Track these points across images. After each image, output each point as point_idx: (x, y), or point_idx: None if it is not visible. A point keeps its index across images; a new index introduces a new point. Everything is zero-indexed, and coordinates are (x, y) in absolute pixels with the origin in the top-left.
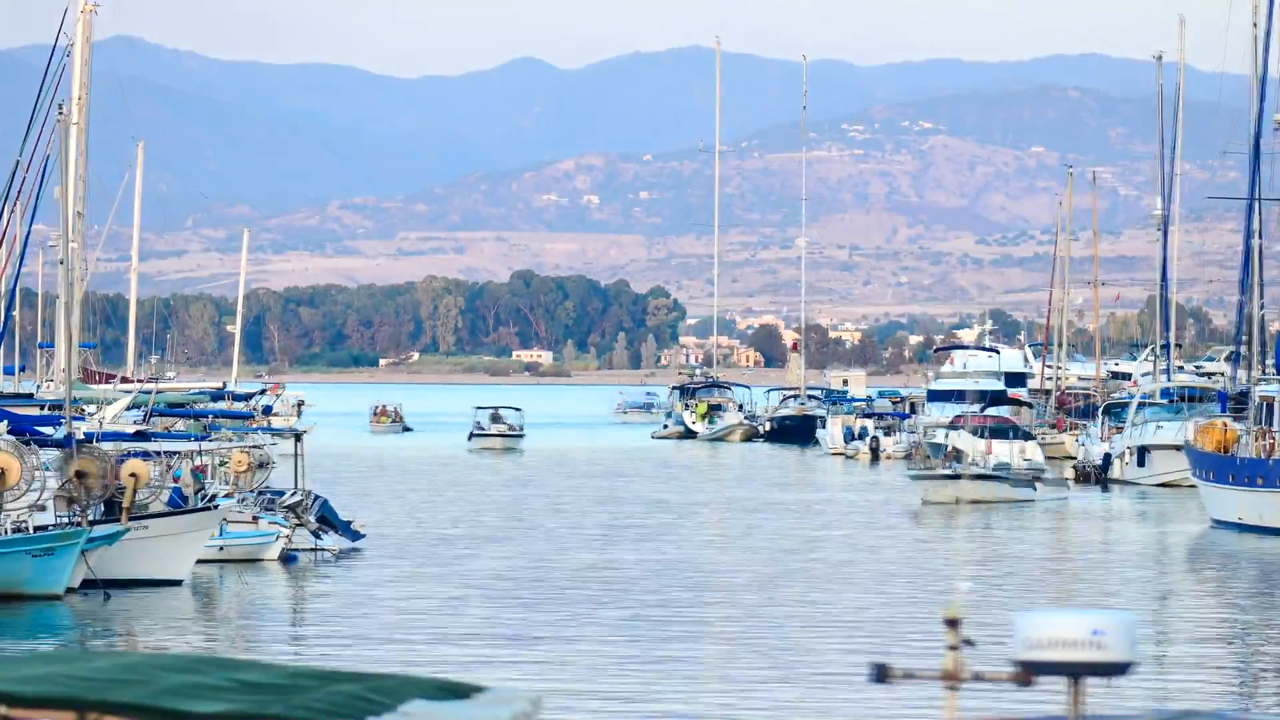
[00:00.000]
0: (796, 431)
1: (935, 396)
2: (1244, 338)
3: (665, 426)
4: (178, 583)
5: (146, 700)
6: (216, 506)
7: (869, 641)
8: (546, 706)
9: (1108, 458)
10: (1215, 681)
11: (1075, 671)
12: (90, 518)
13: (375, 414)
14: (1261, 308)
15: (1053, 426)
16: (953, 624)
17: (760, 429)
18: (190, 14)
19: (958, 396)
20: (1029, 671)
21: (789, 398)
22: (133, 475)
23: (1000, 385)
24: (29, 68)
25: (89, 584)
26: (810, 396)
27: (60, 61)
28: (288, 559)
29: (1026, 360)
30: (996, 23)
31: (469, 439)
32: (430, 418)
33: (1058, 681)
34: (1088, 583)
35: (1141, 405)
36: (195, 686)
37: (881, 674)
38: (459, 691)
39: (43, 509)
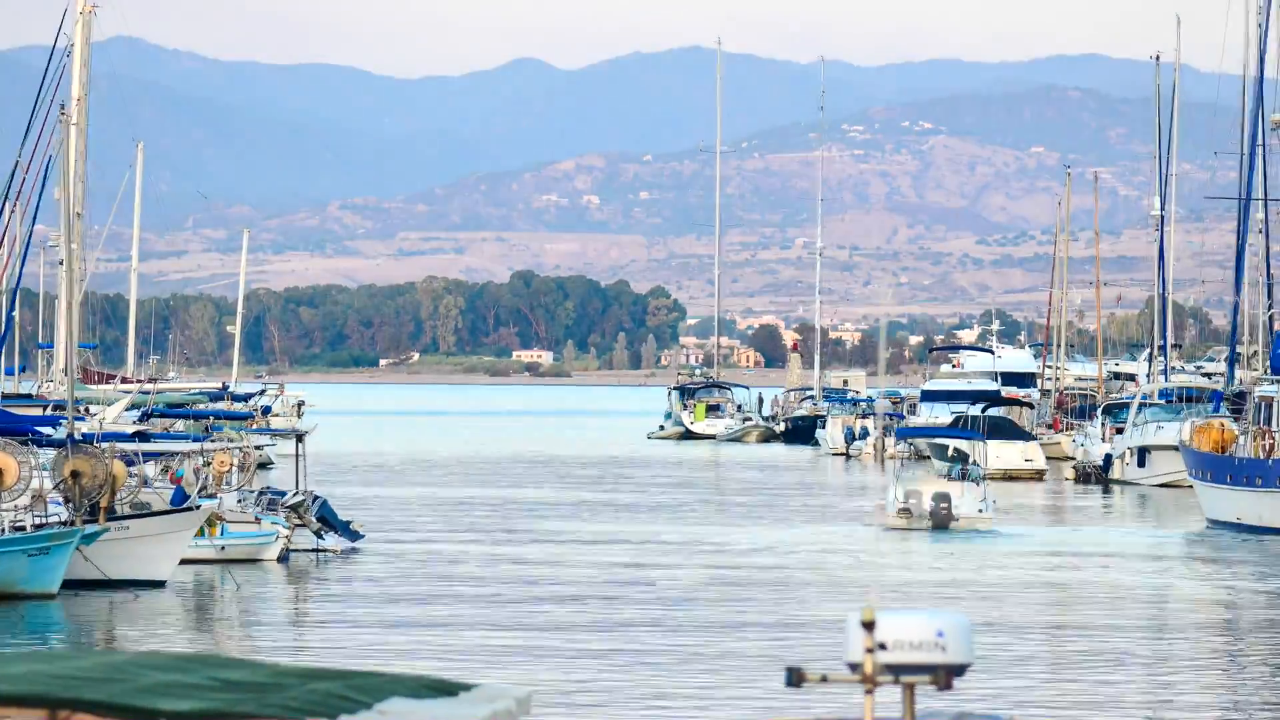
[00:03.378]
0: (810, 431)
1: (929, 397)
2: (1239, 338)
3: (662, 427)
4: (161, 584)
5: (116, 698)
6: (199, 507)
7: None
8: (540, 705)
9: (1109, 458)
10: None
11: (926, 673)
12: (82, 517)
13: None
14: (1269, 308)
15: (1049, 427)
16: (868, 626)
17: (776, 429)
18: (190, 14)
19: (952, 397)
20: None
21: (805, 398)
22: (111, 476)
23: (995, 386)
24: (29, 68)
25: (85, 583)
26: (826, 397)
27: (60, 62)
28: (279, 558)
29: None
30: (996, 23)
31: None
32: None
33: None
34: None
35: (1142, 406)
36: (172, 685)
37: (796, 677)
38: (446, 689)
39: (28, 508)
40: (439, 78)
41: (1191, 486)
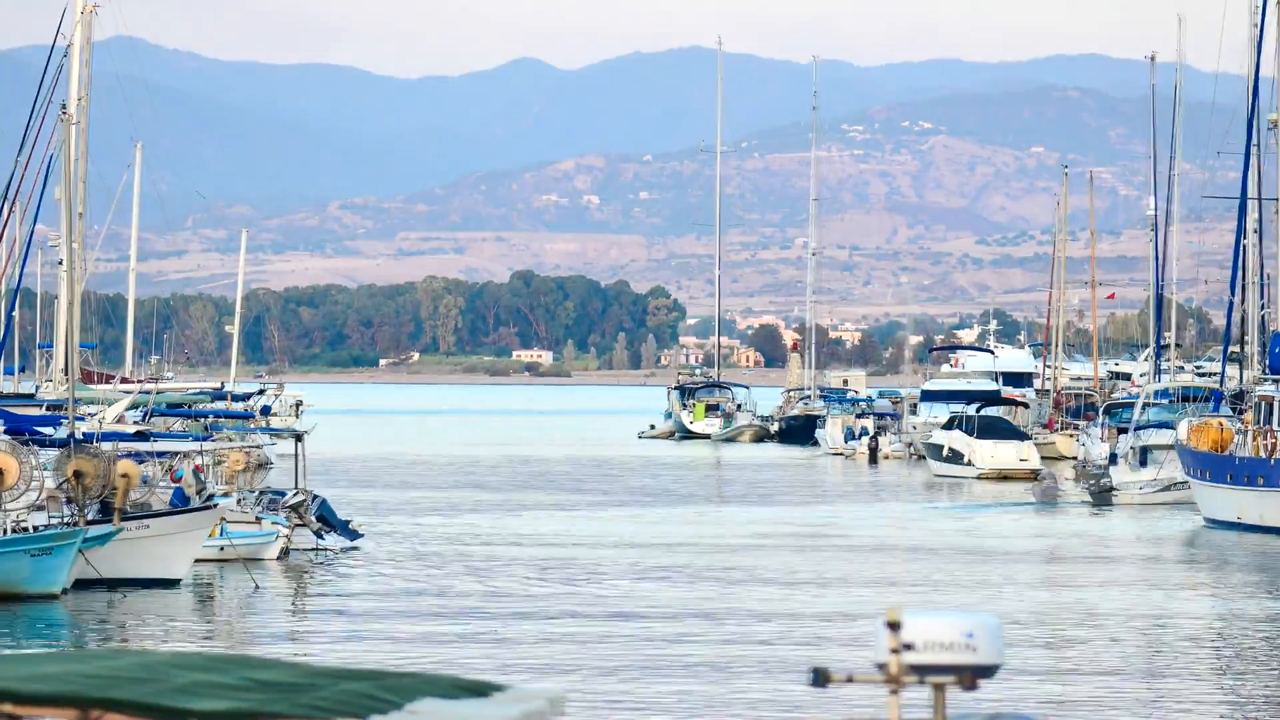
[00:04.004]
0: (805, 431)
1: (929, 397)
2: (1243, 337)
3: (653, 427)
4: (175, 582)
5: (148, 698)
6: (215, 506)
7: None
8: (570, 706)
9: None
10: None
11: (951, 674)
12: (88, 517)
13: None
14: (1263, 308)
15: (1044, 427)
16: (894, 627)
17: (770, 429)
18: (190, 14)
19: (952, 397)
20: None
21: (802, 398)
22: (124, 476)
23: (994, 386)
24: (29, 68)
25: (87, 583)
26: (822, 397)
27: (60, 61)
28: (279, 558)
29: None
30: (996, 23)
31: None
32: None
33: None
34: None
35: (1146, 406)
36: (203, 685)
37: (821, 678)
38: (477, 690)
39: (41, 508)
40: (439, 78)
41: (1187, 486)
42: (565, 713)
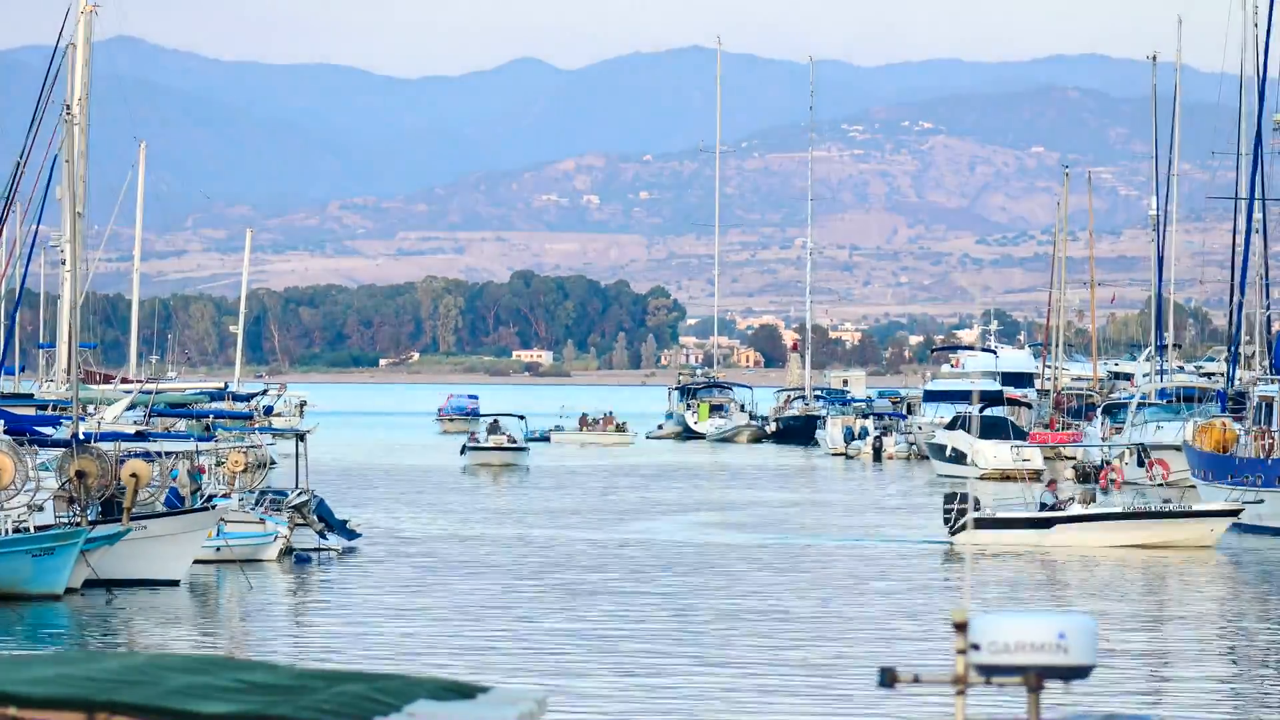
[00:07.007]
0: (801, 431)
1: (932, 397)
2: (1243, 338)
3: (661, 427)
4: (175, 583)
5: (154, 701)
6: (214, 507)
7: None
8: (552, 707)
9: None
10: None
11: (1041, 674)
12: (90, 518)
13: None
14: (1267, 308)
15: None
16: (960, 628)
17: (766, 429)
18: (190, 14)
19: (954, 397)
20: (985, 674)
21: (796, 398)
22: (133, 476)
23: (997, 386)
24: (29, 68)
25: (90, 584)
26: (817, 397)
27: (60, 62)
28: (299, 559)
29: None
30: (996, 23)
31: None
32: None
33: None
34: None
35: (1141, 405)
36: (202, 687)
37: (889, 678)
38: (464, 692)
39: (40, 509)
40: (439, 78)
41: (1193, 486)
42: (546, 713)
